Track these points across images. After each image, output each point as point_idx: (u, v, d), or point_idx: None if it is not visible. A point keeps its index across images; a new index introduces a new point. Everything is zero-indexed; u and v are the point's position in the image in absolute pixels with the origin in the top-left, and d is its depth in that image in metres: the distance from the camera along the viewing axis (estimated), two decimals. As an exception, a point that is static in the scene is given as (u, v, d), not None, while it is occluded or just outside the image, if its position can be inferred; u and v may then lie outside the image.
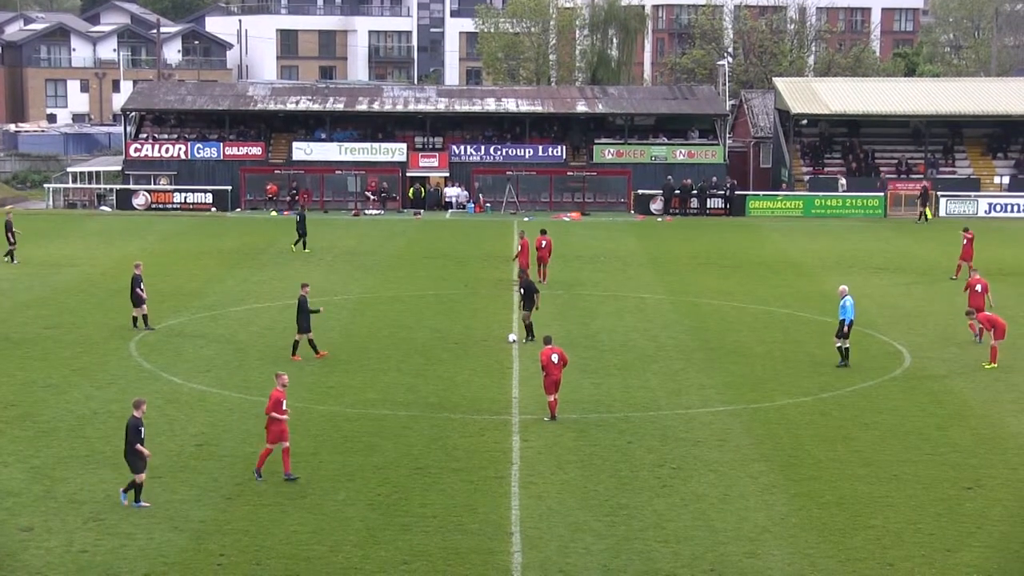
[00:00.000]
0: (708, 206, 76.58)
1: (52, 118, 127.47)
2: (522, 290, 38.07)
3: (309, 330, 34.96)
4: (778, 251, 59.99)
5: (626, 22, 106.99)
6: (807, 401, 31.44)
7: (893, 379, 33.91)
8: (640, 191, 77.20)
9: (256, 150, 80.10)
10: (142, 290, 38.75)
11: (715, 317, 42.57)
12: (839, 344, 35.17)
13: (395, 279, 50.04)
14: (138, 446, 23.18)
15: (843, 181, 78.24)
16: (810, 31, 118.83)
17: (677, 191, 76.47)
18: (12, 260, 52.74)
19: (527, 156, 79.82)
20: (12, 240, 53.14)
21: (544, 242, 48.75)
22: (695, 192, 76.52)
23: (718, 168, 78.97)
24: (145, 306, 38.93)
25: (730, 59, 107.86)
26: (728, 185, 77.56)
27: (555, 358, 29.14)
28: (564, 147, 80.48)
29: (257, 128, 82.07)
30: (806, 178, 79.70)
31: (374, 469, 25.55)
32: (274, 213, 74.80)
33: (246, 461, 25.94)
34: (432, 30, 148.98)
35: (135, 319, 39.01)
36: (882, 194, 76.78)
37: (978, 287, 38.60)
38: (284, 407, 25.04)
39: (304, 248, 56.88)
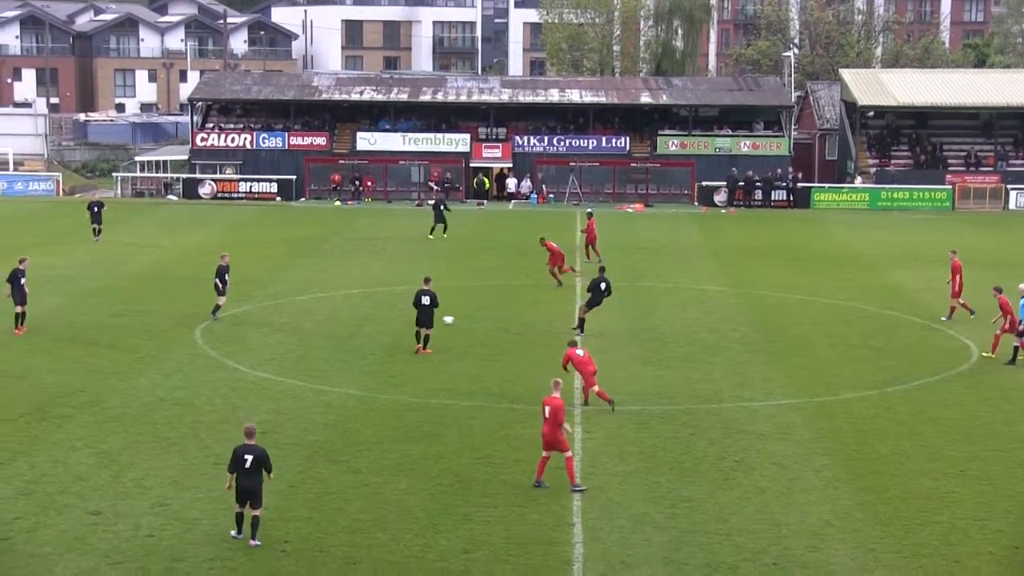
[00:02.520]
0: (772, 198, 76.09)
1: (121, 108, 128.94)
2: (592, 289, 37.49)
3: (431, 325, 34.72)
4: (842, 244, 59.49)
5: (691, 13, 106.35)
6: (872, 395, 31.16)
7: (960, 374, 33.53)
8: (704, 183, 76.83)
9: (321, 140, 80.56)
10: (225, 281, 38.85)
11: (778, 310, 42.28)
12: (1016, 343, 34.49)
13: (458, 269, 50.13)
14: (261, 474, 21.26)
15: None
16: (878, 22, 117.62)
17: (741, 183, 76.06)
18: (96, 236, 56.55)
19: (590, 147, 79.66)
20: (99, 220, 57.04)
21: (591, 225, 51.72)
22: (759, 184, 76.04)
23: (783, 160, 78.44)
24: (223, 298, 39.06)
25: (796, 50, 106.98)
26: (792, 177, 76.99)
27: (580, 352, 29.39)
28: (627, 138, 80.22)
29: (322, 118, 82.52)
30: (872, 170, 78.97)
31: (436, 458, 25.62)
32: (338, 203, 75.23)
33: (309, 449, 26.13)
34: (496, 21, 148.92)
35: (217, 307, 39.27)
36: (949, 187, 75.94)
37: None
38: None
39: (444, 233, 58.35)
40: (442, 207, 60.34)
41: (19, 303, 36.77)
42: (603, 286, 37.19)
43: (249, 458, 20.95)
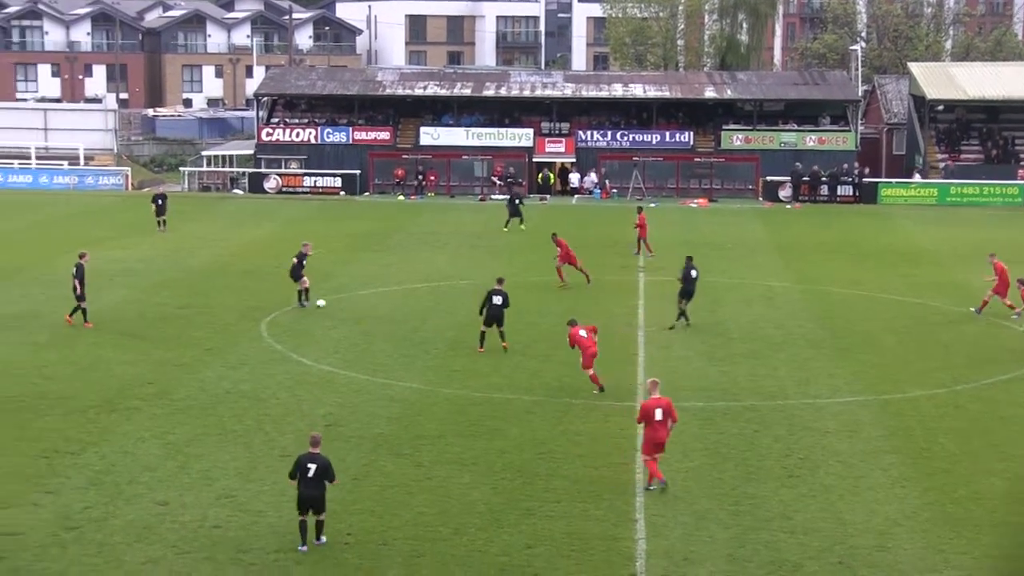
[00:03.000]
0: (838, 193, 75.37)
1: (188, 103, 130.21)
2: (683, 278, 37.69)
3: (503, 323, 34.61)
4: (910, 240, 58.85)
5: (756, 6, 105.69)
6: (940, 393, 30.78)
7: (1030, 372, 33.06)
8: (768, 177, 76.27)
9: (384, 135, 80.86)
10: (303, 266, 39.77)
11: (844, 306, 41.90)
12: None
13: (520, 264, 50.10)
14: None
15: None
16: (948, 14, 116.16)
17: (806, 178, 75.39)
18: (160, 228, 58.02)
19: (654, 142, 79.34)
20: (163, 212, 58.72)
21: (642, 219, 52.33)
22: (824, 179, 75.36)
23: (849, 155, 77.68)
24: (305, 280, 39.86)
25: (863, 44, 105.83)
26: (858, 172, 76.24)
27: (584, 333, 29.87)
28: (691, 133, 79.80)
29: (385, 113, 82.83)
30: (941, 165, 78.04)
31: (498, 453, 25.64)
32: (401, 197, 75.47)
33: (373, 442, 26.24)
34: (560, 15, 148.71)
35: (300, 293, 39.73)
36: (1021, 182, 74.88)
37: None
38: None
39: (521, 225, 58.88)
40: (517, 200, 61.01)
41: (79, 298, 36.82)
42: (693, 274, 37.30)
43: (312, 467, 20.63)
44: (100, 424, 27.30)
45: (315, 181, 78.30)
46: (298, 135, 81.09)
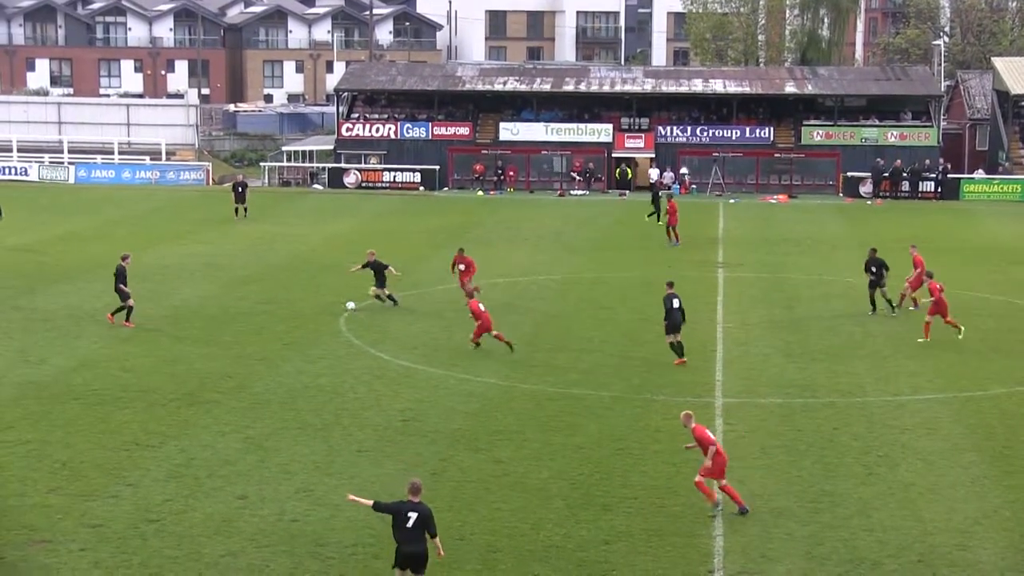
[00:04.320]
0: (919, 189, 74.42)
1: (269, 98, 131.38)
2: None
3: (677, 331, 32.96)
4: (992, 237, 58.00)
5: (838, 1, 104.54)
6: (1022, 391, 30.31)
7: (1117, 371, 32.45)
8: (849, 173, 75.51)
9: (464, 130, 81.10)
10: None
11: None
12: None
13: (599, 260, 50.08)
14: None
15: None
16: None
17: (887, 174, 74.51)
18: (237, 216, 60.52)
19: (734, 137, 78.86)
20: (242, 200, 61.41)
21: (672, 207, 54.07)
22: (907, 175, 74.45)
23: (931, 150, 76.70)
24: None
25: (946, 39, 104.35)
26: (941, 168, 75.22)
27: (482, 307, 32.51)
28: (771, 128, 79.20)
29: (465, 108, 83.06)
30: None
31: (576, 448, 25.65)
32: (480, 193, 75.66)
33: (451, 437, 26.36)
34: (640, 10, 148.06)
35: (382, 296, 39.85)
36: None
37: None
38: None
39: (658, 220, 59.34)
40: (660, 193, 62.35)
41: (123, 298, 36.76)
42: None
43: (413, 516, 18.07)
44: (180, 417, 27.66)
45: (394, 176, 78.74)
46: (378, 130, 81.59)
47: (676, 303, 32.93)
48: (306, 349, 34.22)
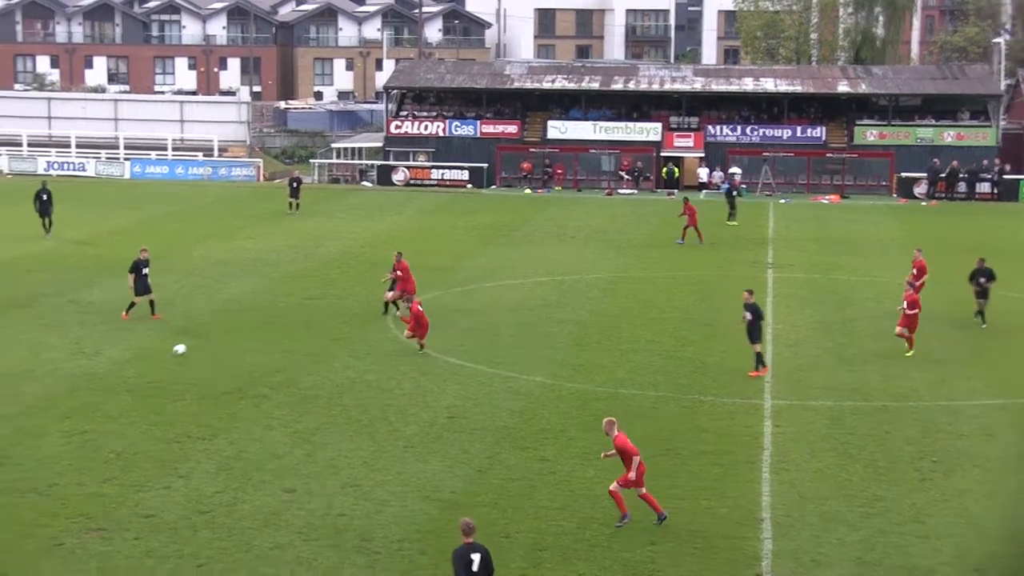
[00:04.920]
0: (976, 191, 73.41)
1: (319, 96, 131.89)
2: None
3: (759, 340, 31.53)
4: (1051, 239, 57.14)
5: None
6: (1080, 397, 29.82)
7: None
8: (903, 174, 74.68)
9: (512, 128, 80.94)
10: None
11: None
12: None
13: (646, 259, 49.78)
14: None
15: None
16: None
17: (943, 174, 73.59)
18: (290, 210, 61.69)
19: (784, 137, 78.21)
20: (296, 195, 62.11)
21: (689, 209, 53.77)
22: (963, 176, 73.48)
23: (989, 151, 75.64)
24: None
25: (1007, 36, 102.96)
26: (998, 169, 74.20)
27: (421, 307, 32.77)
28: (824, 128, 78.51)
29: (513, 106, 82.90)
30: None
31: (623, 448, 25.40)
32: (528, 191, 75.49)
33: (496, 435, 26.23)
34: (690, 8, 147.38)
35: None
36: None
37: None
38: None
39: (734, 221, 59.65)
40: (735, 193, 62.36)
41: (142, 292, 36.59)
42: (982, 280, 36.84)
43: (476, 558, 17.20)
44: (230, 410, 27.73)
45: (443, 174, 78.70)
46: (426, 128, 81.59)
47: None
48: (353, 345, 34.20)
